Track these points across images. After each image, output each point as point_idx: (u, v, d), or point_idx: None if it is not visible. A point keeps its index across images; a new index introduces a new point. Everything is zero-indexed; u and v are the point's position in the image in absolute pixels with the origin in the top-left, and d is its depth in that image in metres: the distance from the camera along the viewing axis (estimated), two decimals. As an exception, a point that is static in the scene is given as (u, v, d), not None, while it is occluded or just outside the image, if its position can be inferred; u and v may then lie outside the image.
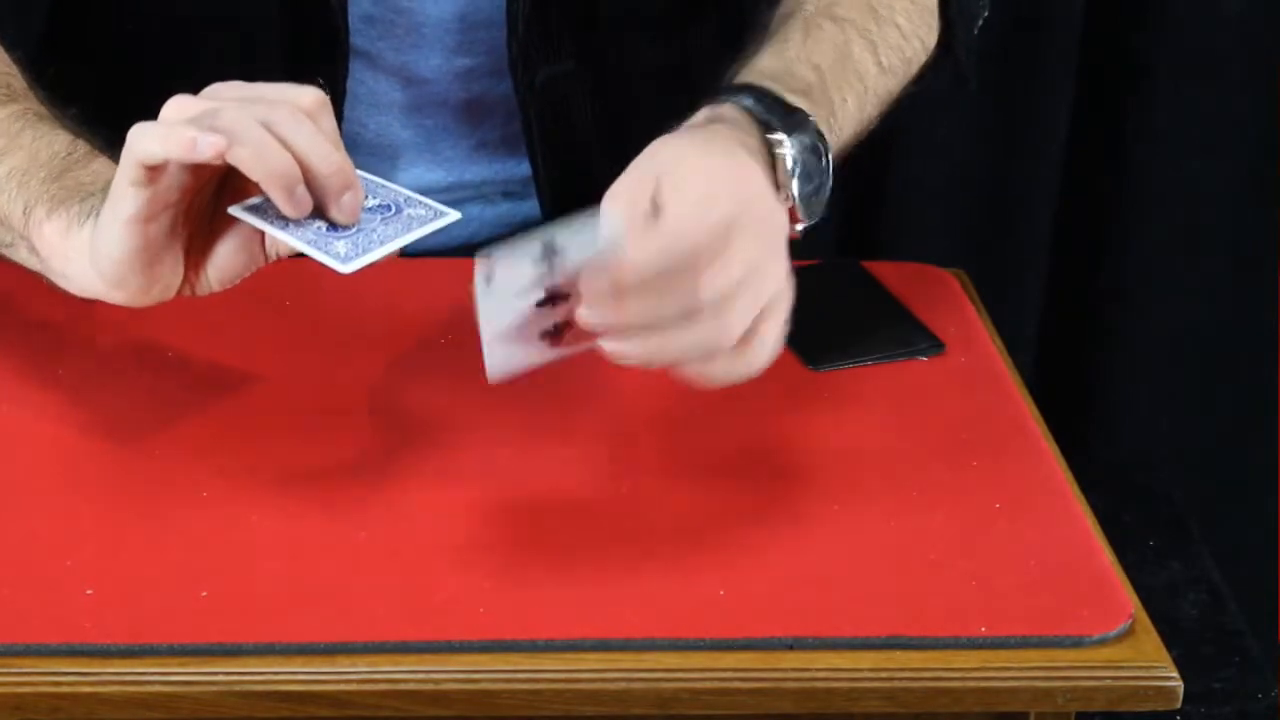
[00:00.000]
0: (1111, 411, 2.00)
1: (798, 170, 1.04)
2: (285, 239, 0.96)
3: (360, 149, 1.29)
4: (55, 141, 1.04)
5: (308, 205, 0.96)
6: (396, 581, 0.94)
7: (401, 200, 0.99)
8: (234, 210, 0.97)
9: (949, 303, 1.23)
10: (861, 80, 1.13)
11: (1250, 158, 1.89)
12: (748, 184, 0.98)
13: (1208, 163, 1.89)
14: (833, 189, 1.06)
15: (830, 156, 1.06)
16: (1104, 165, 1.91)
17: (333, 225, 0.96)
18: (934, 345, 1.17)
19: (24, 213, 1.02)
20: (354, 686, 0.89)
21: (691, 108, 1.07)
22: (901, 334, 1.18)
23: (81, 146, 1.05)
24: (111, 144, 1.03)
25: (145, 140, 0.94)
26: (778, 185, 1.03)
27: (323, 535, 0.97)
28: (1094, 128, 1.89)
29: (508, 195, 1.33)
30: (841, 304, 1.22)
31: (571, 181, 1.29)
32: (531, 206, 1.33)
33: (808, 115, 1.05)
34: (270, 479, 1.01)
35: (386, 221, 0.98)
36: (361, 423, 1.07)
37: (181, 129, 0.94)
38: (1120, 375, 1.99)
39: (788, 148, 1.03)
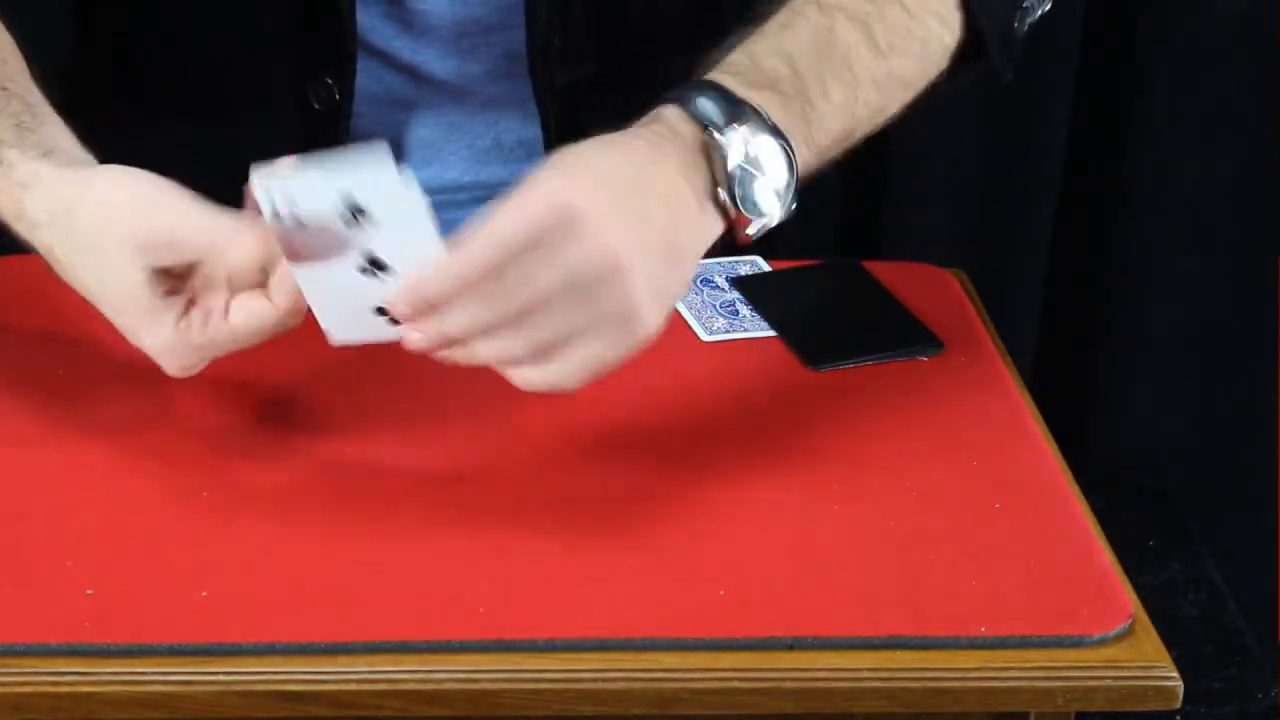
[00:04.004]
0: (1111, 411, 2.00)
1: (739, 174, 1.00)
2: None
3: None
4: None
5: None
6: (396, 581, 0.94)
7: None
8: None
9: (949, 303, 1.23)
10: (850, 67, 1.08)
11: (1250, 158, 1.89)
12: (635, 197, 0.96)
13: (1208, 163, 1.89)
14: (800, 188, 1.03)
15: (794, 150, 1.02)
16: (1104, 165, 1.90)
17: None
18: (934, 345, 1.17)
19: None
20: (354, 686, 0.89)
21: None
22: (901, 334, 1.18)
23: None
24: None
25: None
26: (716, 185, 1.01)
27: (323, 535, 0.97)
28: (1094, 128, 1.89)
29: None
30: (841, 304, 1.22)
31: None
32: None
33: (755, 110, 1.02)
34: (270, 479, 1.01)
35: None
36: (361, 423, 1.07)
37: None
38: (1120, 375, 1.99)
39: (731, 148, 1.00)
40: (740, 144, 1.00)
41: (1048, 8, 1.22)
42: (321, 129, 1.26)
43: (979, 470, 1.05)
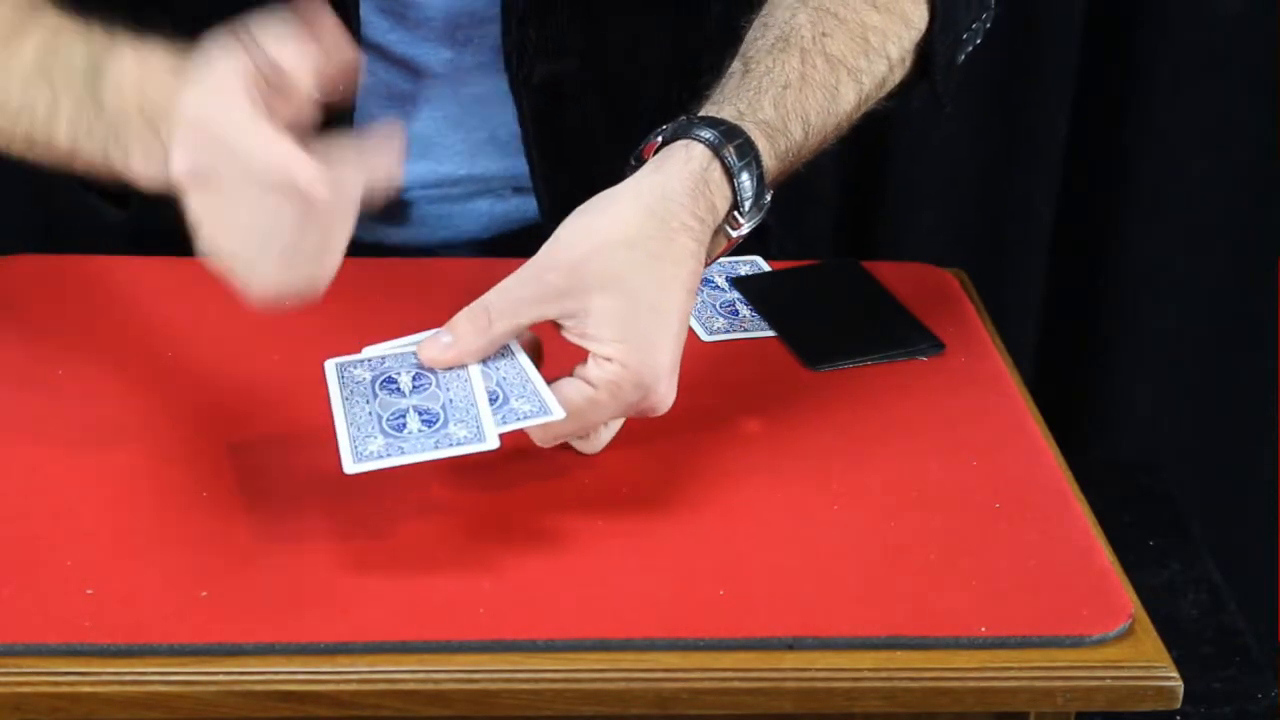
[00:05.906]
0: (1111, 411, 2.00)
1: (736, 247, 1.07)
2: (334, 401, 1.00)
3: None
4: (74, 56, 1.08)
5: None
6: (396, 581, 0.94)
7: (447, 410, 0.99)
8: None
9: (949, 303, 1.23)
10: (838, 126, 1.13)
11: (1250, 158, 1.89)
12: (672, 319, 1.00)
13: (1208, 162, 1.89)
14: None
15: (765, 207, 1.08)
16: (1104, 165, 1.91)
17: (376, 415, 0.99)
18: (934, 345, 1.17)
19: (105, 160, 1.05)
20: (354, 686, 0.89)
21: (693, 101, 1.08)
22: (901, 334, 1.18)
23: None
24: None
25: None
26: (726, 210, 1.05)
27: (323, 535, 0.97)
28: (1094, 127, 1.89)
29: (518, 191, 1.33)
30: (841, 304, 1.22)
31: (570, 180, 1.29)
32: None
33: (769, 198, 1.06)
34: (270, 479, 1.01)
35: (424, 432, 0.98)
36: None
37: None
38: (1120, 375, 1.99)
39: (745, 228, 1.05)
40: (750, 228, 1.06)
41: (980, 40, 1.25)
42: (327, 123, 1.26)
43: (979, 470, 1.05)
